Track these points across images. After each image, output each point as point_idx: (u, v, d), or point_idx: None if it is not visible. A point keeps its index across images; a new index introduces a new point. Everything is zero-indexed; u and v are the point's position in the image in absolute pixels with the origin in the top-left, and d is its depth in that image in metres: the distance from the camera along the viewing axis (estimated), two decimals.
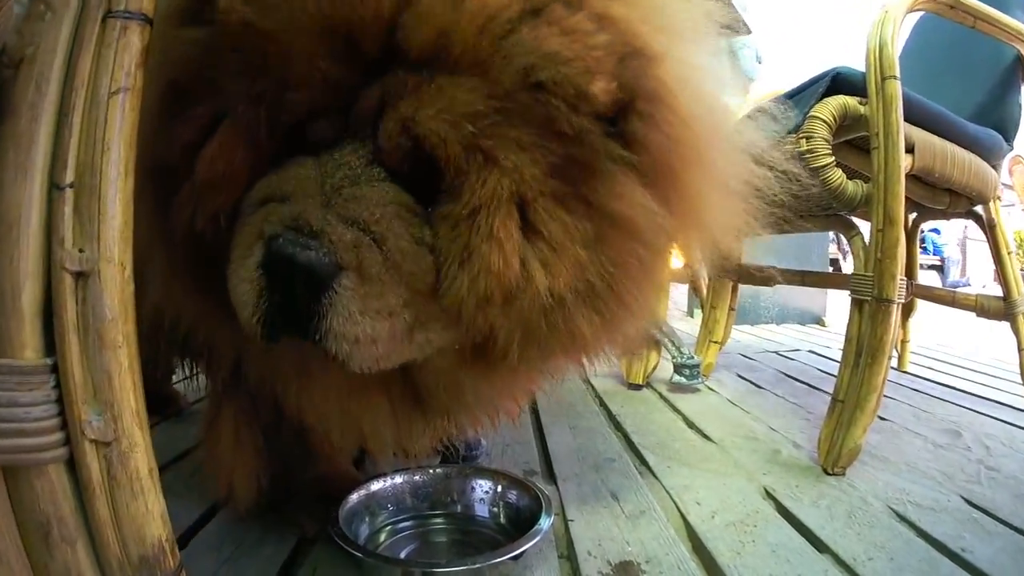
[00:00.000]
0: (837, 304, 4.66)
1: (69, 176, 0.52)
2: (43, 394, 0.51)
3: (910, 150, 1.46)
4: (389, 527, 1.15)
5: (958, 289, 2.41)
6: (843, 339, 1.54)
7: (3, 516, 0.52)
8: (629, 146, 0.73)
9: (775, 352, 3.34)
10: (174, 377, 1.89)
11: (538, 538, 0.99)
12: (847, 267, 7.82)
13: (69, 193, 0.52)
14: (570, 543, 1.15)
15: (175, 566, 0.58)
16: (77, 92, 0.52)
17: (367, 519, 1.13)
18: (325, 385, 0.89)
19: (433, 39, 0.67)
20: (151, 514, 0.56)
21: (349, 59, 0.69)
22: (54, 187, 0.51)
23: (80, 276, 0.52)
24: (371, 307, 0.71)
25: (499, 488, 1.21)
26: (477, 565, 0.93)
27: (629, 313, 0.79)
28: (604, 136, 0.72)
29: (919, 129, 1.51)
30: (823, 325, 4.73)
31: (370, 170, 0.72)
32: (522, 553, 0.97)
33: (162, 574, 0.57)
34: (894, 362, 2.42)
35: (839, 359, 1.55)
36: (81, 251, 0.52)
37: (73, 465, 0.53)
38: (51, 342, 0.52)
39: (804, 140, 1.44)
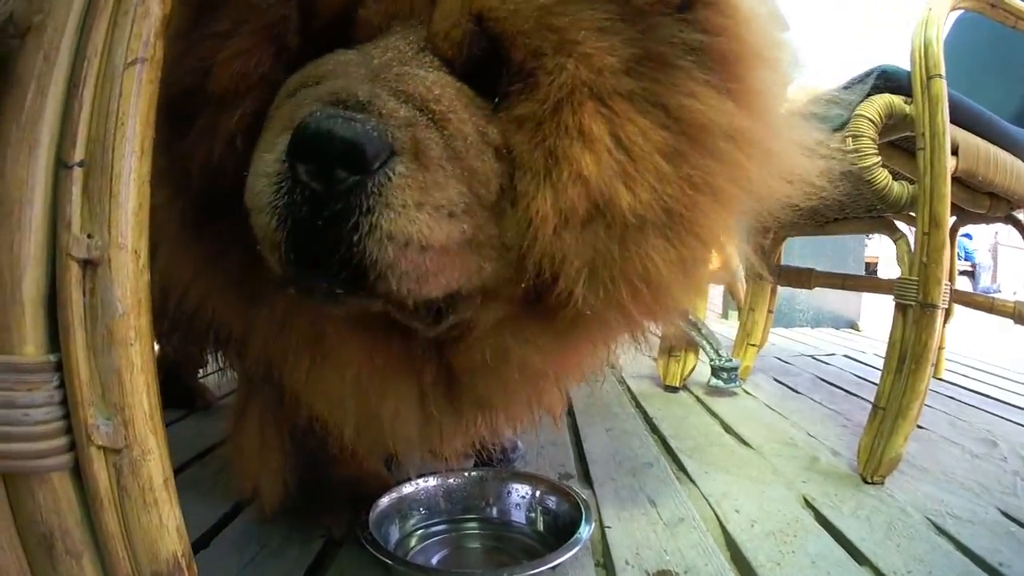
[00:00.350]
0: (872, 309, 4.59)
1: (78, 153, 0.46)
2: (45, 395, 0.46)
3: (954, 152, 1.40)
4: (420, 531, 1.10)
5: (996, 296, 2.34)
6: (878, 344, 1.51)
7: (4, 528, 0.46)
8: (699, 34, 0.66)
9: (811, 356, 3.26)
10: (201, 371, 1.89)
11: (577, 548, 0.95)
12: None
13: (78, 172, 0.46)
14: (607, 550, 1.10)
15: None
16: (90, 62, 0.46)
17: (397, 522, 1.08)
18: (341, 363, 0.77)
19: None
20: (165, 528, 0.50)
21: None
22: (61, 165, 0.46)
23: (88, 264, 0.46)
24: (429, 200, 0.59)
25: (537, 493, 1.16)
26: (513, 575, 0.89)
27: (703, 248, 0.71)
28: (676, 20, 0.64)
29: (963, 130, 1.44)
30: (857, 329, 4.65)
31: (422, 56, 0.63)
32: (561, 562, 0.92)
33: None
34: None
35: (874, 364, 1.50)
36: (90, 236, 0.46)
37: (79, 473, 0.47)
38: (55, 337, 0.46)
39: (850, 139, 1.38)
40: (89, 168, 0.46)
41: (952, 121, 1.37)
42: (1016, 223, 2.04)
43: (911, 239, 1.48)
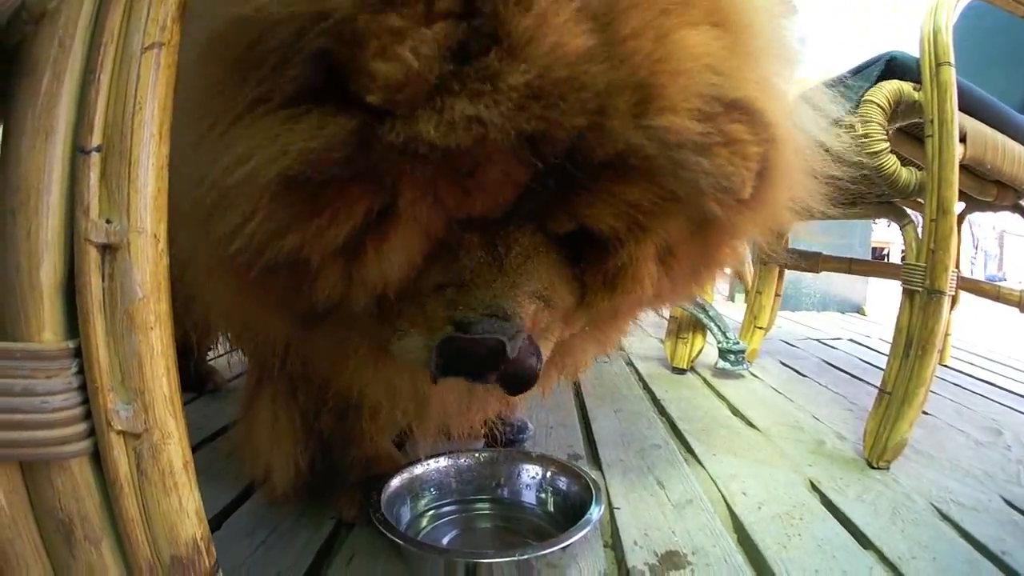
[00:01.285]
0: (878, 293, 4.57)
1: (96, 139, 0.45)
2: (64, 381, 0.45)
3: (962, 139, 1.38)
4: (432, 512, 1.10)
5: (1002, 284, 2.32)
6: (884, 329, 1.49)
7: (22, 515, 0.46)
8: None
9: (817, 340, 3.24)
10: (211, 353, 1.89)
11: (587, 529, 0.94)
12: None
13: (95, 157, 0.45)
14: (616, 532, 1.10)
15: (211, 566, 0.52)
16: (106, 48, 0.45)
17: (409, 503, 1.08)
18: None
19: (615, 153, 0.64)
20: (185, 511, 0.49)
21: (532, 163, 0.64)
22: (78, 151, 0.45)
23: (107, 249, 0.45)
24: (541, 352, 0.73)
25: (547, 474, 1.15)
26: (525, 556, 0.88)
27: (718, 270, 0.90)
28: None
29: (971, 118, 1.43)
30: (863, 314, 4.63)
31: (535, 239, 0.73)
32: (571, 543, 0.91)
33: (196, 575, 0.51)
34: None
35: (880, 349, 1.50)
36: (108, 221, 0.45)
37: (98, 459, 0.47)
38: (73, 324, 0.46)
39: (859, 124, 1.37)
40: (107, 153, 0.46)
41: (960, 109, 1.36)
42: (1023, 212, 2.01)
43: (919, 225, 1.46)
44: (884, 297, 4.24)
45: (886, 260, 7.01)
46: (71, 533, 0.47)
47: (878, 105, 1.36)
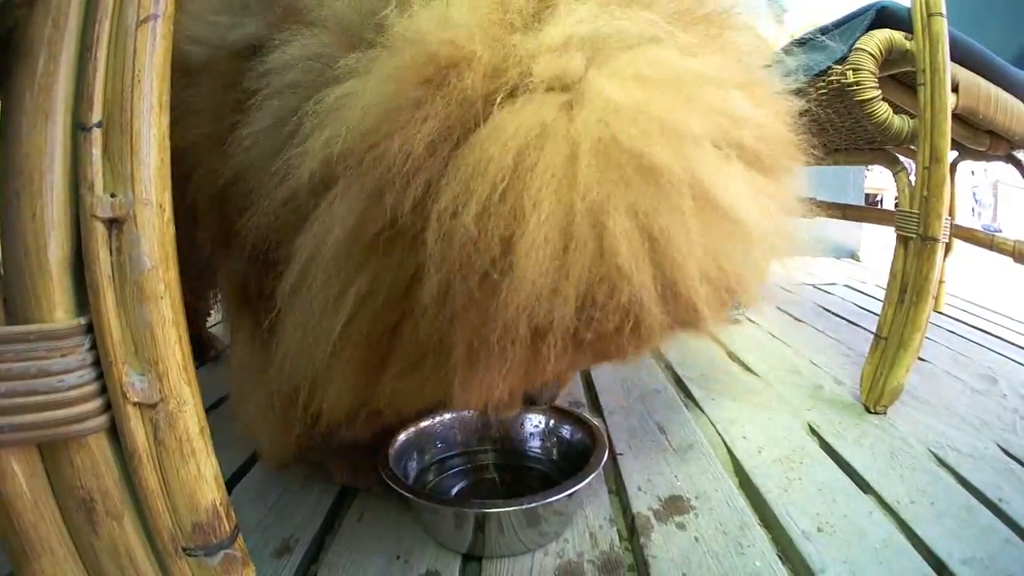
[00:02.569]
0: (872, 239, 4.54)
1: (96, 115, 0.44)
2: (78, 358, 0.44)
3: (955, 89, 1.37)
4: (438, 464, 1.10)
5: (996, 233, 2.30)
6: (878, 274, 1.48)
7: (43, 498, 0.46)
8: None
9: (812, 285, 3.22)
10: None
11: (592, 476, 0.94)
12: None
13: (97, 133, 0.45)
14: (619, 478, 1.11)
15: (231, 529, 0.52)
16: (100, 24, 0.45)
17: (416, 456, 1.09)
18: None
19: None
20: (203, 477, 0.49)
21: None
22: (79, 128, 0.44)
23: (114, 223, 0.45)
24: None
25: (551, 422, 1.15)
26: (532, 505, 0.88)
27: None
28: None
29: (963, 69, 1.41)
30: (858, 260, 4.61)
31: None
32: (576, 490, 0.91)
33: (217, 540, 0.50)
34: None
35: (875, 295, 1.48)
36: (113, 196, 0.45)
37: (115, 433, 0.47)
38: (83, 300, 0.45)
39: (850, 72, 1.35)
40: (108, 128, 0.45)
41: (953, 59, 1.35)
42: (1016, 163, 2.00)
43: (912, 172, 1.45)
44: (878, 243, 4.22)
45: (879, 206, 6.96)
46: (92, 510, 0.47)
47: (869, 53, 1.34)
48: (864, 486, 1.13)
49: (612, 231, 0.54)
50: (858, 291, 3.08)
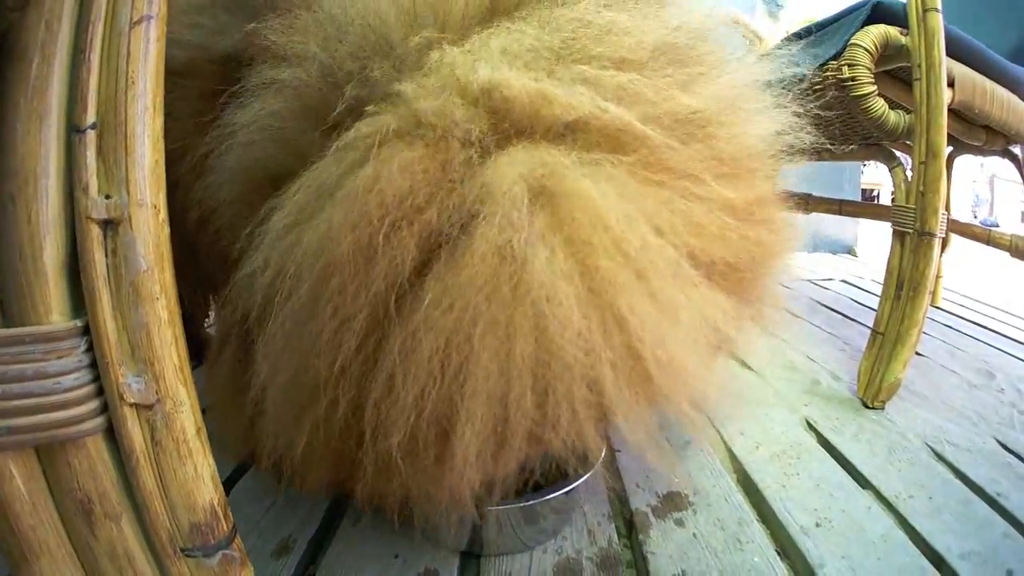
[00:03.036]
0: (868, 234, 4.54)
1: (90, 117, 0.44)
2: (74, 360, 0.44)
3: (950, 84, 1.37)
4: None
5: (993, 228, 2.30)
6: (875, 270, 1.48)
7: (41, 501, 0.46)
8: None
9: (808, 280, 3.22)
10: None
11: (590, 472, 0.94)
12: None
13: (91, 135, 0.44)
14: (617, 474, 1.11)
15: (229, 530, 0.52)
16: (94, 26, 0.45)
17: None
18: None
19: None
20: (201, 478, 0.49)
21: None
22: (73, 130, 0.44)
23: (108, 225, 0.45)
24: None
25: None
26: (530, 502, 0.88)
27: None
28: None
29: (959, 64, 1.41)
30: (855, 255, 4.61)
31: None
32: (574, 487, 0.91)
33: (215, 540, 0.51)
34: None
35: (872, 290, 1.48)
36: (108, 197, 0.45)
37: (113, 434, 0.47)
38: (79, 302, 0.45)
39: (846, 67, 1.35)
40: (102, 130, 0.45)
41: (948, 55, 1.35)
42: (1012, 157, 2.00)
43: (908, 167, 1.45)
44: (875, 238, 4.21)
45: (876, 201, 6.97)
46: (90, 512, 0.46)
47: (865, 49, 1.34)
48: (862, 481, 1.13)
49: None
50: (855, 286, 3.08)
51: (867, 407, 1.45)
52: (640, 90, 0.64)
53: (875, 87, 1.36)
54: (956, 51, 1.39)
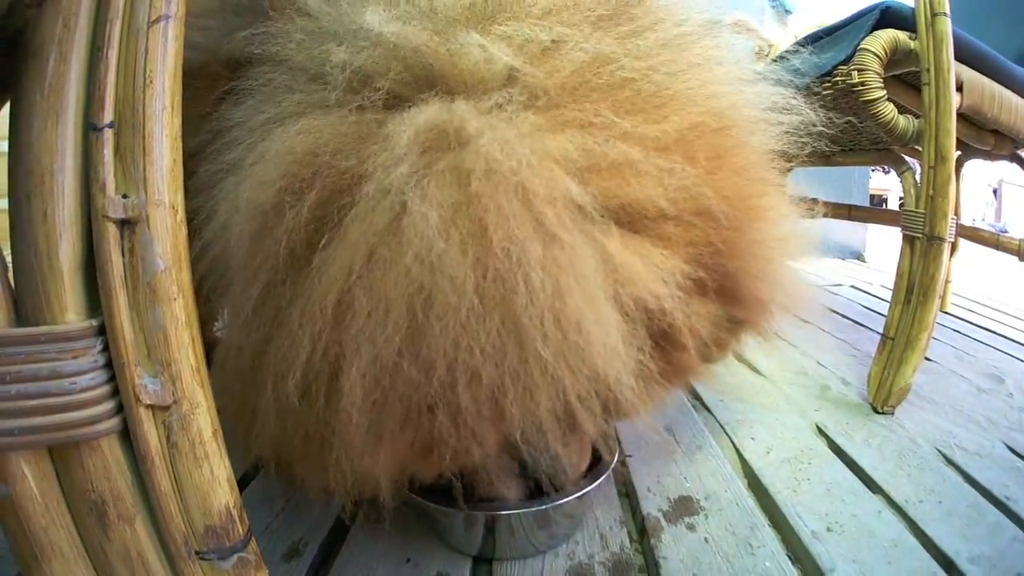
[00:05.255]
0: (877, 240, 4.53)
1: (107, 115, 0.44)
2: (90, 360, 0.44)
3: (959, 88, 1.37)
4: None
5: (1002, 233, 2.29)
6: (884, 275, 1.47)
7: (54, 502, 0.45)
8: None
9: (818, 286, 3.20)
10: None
11: (602, 477, 0.94)
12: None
13: (108, 134, 0.44)
14: (629, 479, 1.10)
15: (244, 532, 0.51)
16: (112, 24, 0.44)
17: None
18: None
19: None
20: (217, 480, 0.49)
21: None
22: (91, 129, 0.44)
23: (126, 224, 0.44)
24: None
25: None
26: (544, 507, 0.88)
27: None
28: None
29: (967, 68, 1.41)
30: (863, 260, 4.59)
31: None
32: (586, 492, 0.91)
33: (231, 543, 0.50)
34: None
35: (881, 295, 1.47)
36: (125, 196, 0.44)
37: (128, 435, 0.46)
38: (95, 302, 0.45)
39: (856, 72, 1.35)
40: (119, 129, 0.45)
41: (957, 59, 1.35)
42: (1021, 162, 1.99)
43: (917, 172, 1.44)
44: (884, 243, 4.20)
45: (885, 207, 6.94)
46: (104, 514, 0.46)
47: (874, 53, 1.34)
48: (872, 486, 1.12)
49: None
50: (864, 292, 3.06)
51: (877, 412, 1.44)
52: (560, 39, 0.65)
53: (884, 92, 1.36)
54: (964, 55, 1.39)
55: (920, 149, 1.38)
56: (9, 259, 0.45)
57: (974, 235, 2.13)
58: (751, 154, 0.76)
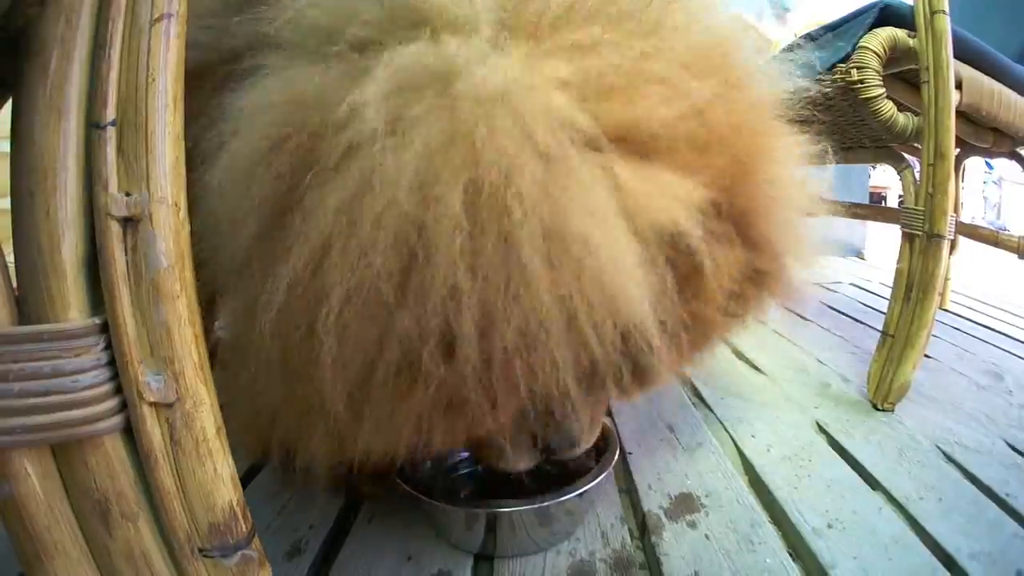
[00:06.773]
0: (877, 237, 4.52)
1: (110, 113, 0.44)
2: (92, 358, 0.44)
3: (958, 86, 1.37)
4: (449, 465, 1.09)
5: (1002, 231, 2.29)
6: (883, 272, 1.47)
7: (57, 500, 0.45)
8: None
9: (817, 283, 3.18)
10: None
11: (603, 474, 0.94)
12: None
13: (111, 131, 0.44)
14: (630, 476, 1.10)
15: (248, 530, 0.51)
16: (114, 22, 0.44)
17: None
18: None
19: None
20: (220, 478, 0.49)
21: None
22: (93, 127, 0.44)
23: (128, 222, 0.44)
24: None
25: None
26: (544, 504, 0.88)
27: None
28: None
29: (966, 66, 1.42)
30: (863, 258, 4.59)
31: None
32: (588, 489, 0.91)
33: (234, 540, 0.50)
34: None
35: (881, 293, 1.47)
36: (128, 194, 0.44)
37: (131, 433, 0.46)
38: (98, 299, 0.44)
39: (855, 70, 1.35)
40: (122, 127, 0.45)
41: (956, 57, 1.35)
42: (1020, 159, 1.99)
43: (917, 169, 1.44)
44: (883, 241, 4.19)
45: (884, 204, 6.93)
46: (107, 512, 0.46)
47: (873, 51, 1.34)
48: (873, 483, 1.12)
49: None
50: (864, 289, 3.06)
51: (877, 409, 1.44)
52: None
53: (884, 90, 1.36)
54: (964, 53, 1.39)
55: (919, 147, 1.38)
56: (11, 258, 0.44)
57: (973, 233, 2.13)
58: (761, 93, 0.75)
